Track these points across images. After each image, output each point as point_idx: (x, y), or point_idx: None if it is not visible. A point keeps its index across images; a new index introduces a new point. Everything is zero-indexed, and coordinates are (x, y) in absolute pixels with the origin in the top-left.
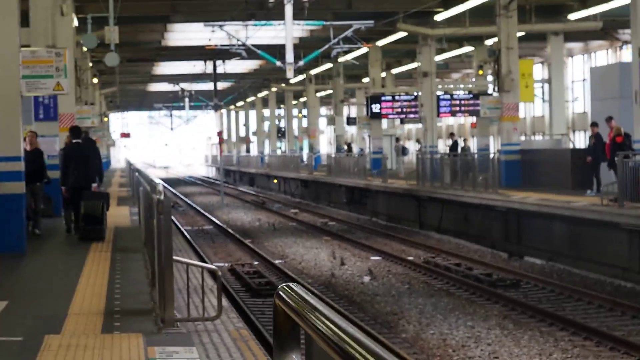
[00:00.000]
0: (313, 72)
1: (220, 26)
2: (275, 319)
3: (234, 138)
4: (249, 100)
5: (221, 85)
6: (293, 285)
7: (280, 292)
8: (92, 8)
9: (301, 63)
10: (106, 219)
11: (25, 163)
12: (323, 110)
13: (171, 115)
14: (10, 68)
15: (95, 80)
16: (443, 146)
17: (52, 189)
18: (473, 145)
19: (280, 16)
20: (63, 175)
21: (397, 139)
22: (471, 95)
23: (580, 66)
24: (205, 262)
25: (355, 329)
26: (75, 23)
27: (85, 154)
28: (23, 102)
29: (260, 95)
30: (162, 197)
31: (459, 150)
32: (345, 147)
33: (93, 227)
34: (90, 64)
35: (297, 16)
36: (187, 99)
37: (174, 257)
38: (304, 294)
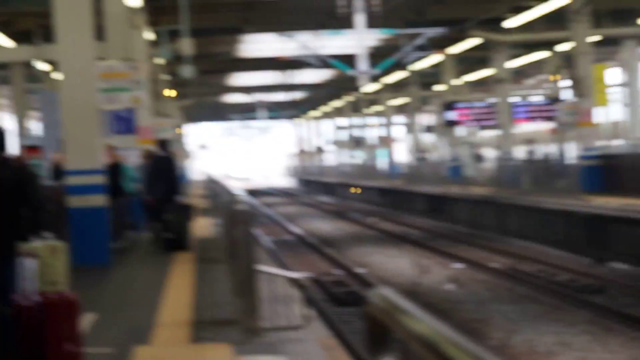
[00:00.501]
0: (387, 80)
1: (293, 37)
2: (367, 325)
3: (310, 148)
4: (324, 109)
5: (296, 95)
6: (384, 290)
7: (371, 297)
8: (166, 21)
9: (374, 72)
10: (189, 229)
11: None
12: (399, 119)
13: (247, 127)
14: (89, 82)
15: (171, 93)
16: (520, 153)
17: (134, 203)
18: (552, 151)
19: (352, 25)
20: (148, 186)
21: (474, 146)
22: (547, 101)
23: None
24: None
25: (452, 331)
26: (150, 36)
27: (170, 167)
28: (102, 116)
29: (335, 104)
30: (243, 207)
31: (537, 156)
32: (422, 155)
33: (177, 237)
34: (166, 77)
35: (369, 25)
36: (262, 110)
37: (258, 267)
38: (395, 299)
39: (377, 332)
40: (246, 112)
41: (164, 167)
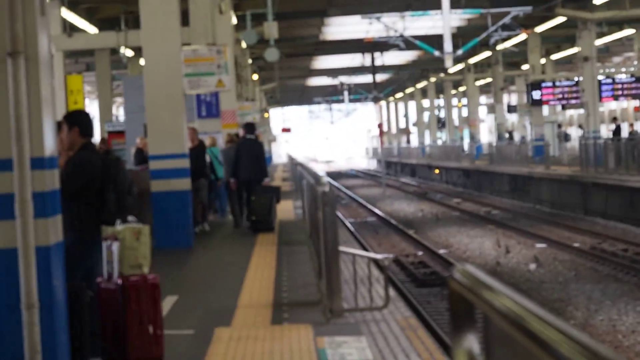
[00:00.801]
0: (472, 60)
1: (378, 18)
2: (451, 301)
3: (393, 130)
4: (408, 91)
5: (380, 77)
6: (468, 267)
7: (455, 273)
8: (250, 5)
9: (459, 52)
10: (276, 211)
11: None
12: (483, 99)
13: (331, 109)
14: (173, 67)
15: (255, 77)
16: (606, 131)
17: (216, 186)
18: (638, 129)
19: (438, 5)
20: (234, 168)
21: (559, 126)
22: (634, 79)
23: None
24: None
25: (537, 306)
26: (234, 20)
27: (257, 149)
28: (185, 100)
29: (419, 86)
30: (326, 189)
31: (623, 134)
32: (507, 135)
33: (263, 219)
34: (250, 61)
35: (454, 5)
36: (346, 92)
37: (340, 248)
38: (480, 275)
39: (461, 308)
40: (330, 94)
41: (251, 150)
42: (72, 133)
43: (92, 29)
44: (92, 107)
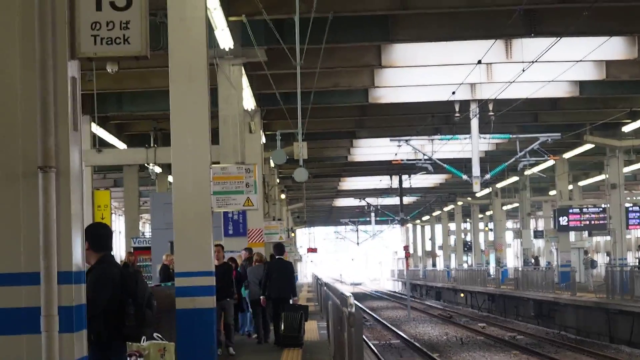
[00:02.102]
0: (499, 185)
1: (407, 141)
2: None
3: (419, 252)
4: (434, 214)
5: (407, 199)
6: None
7: None
8: (280, 125)
9: (487, 177)
10: (304, 328)
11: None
12: (509, 224)
13: (357, 230)
14: (202, 185)
15: (282, 196)
16: (632, 259)
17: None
18: None
19: (466, 130)
20: (264, 286)
21: (586, 252)
22: None
23: None
24: None
25: None
26: (263, 140)
27: (287, 268)
28: (213, 218)
29: (446, 209)
30: (353, 310)
31: None
32: (533, 261)
33: (294, 334)
34: (278, 180)
35: (482, 130)
36: (372, 214)
37: None
38: None
39: None
40: (356, 215)
41: (281, 268)
42: (85, 247)
43: (121, 145)
44: (119, 223)
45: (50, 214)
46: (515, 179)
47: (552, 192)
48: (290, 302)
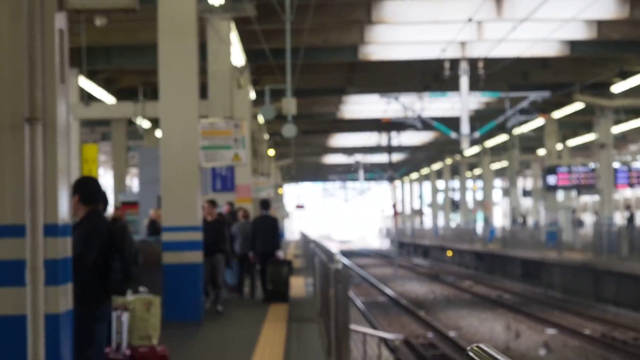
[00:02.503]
0: (488, 143)
1: (396, 98)
2: None
3: (407, 210)
4: (423, 172)
5: (395, 157)
6: (483, 345)
7: (470, 352)
8: (269, 81)
9: (476, 135)
10: (290, 283)
11: (205, 234)
12: (498, 182)
13: (345, 187)
14: (190, 139)
15: (271, 152)
16: (620, 218)
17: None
18: None
19: (456, 88)
20: (252, 242)
21: (573, 211)
22: None
23: None
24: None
25: None
26: (252, 95)
27: (272, 224)
28: (201, 173)
29: (434, 167)
30: (339, 266)
31: (637, 222)
32: (521, 220)
33: (280, 289)
34: (266, 136)
35: (472, 87)
36: (361, 171)
37: (351, 327)
38: (495, 354)
39: None
40: (345, 172)
41: (266, 225)
42: (74, 200)
43: (110, 99)
44: (106, 177)
45: (36, 166)
46: (504, 137)
47: (541, 151)
48: (275, 257)
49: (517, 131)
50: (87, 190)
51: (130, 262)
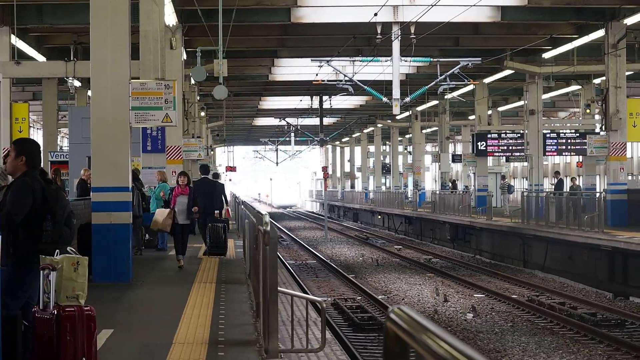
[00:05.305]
0: (419, 108)
1: (328, 61)
2: (386, 341)
3: (338, 173)
4: (354, 136)
5: (327, 120)
6: (404, 307)
7: (391, 313)
8: (201, 42)
9: (407, 99)
10: (227, 238)
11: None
12: (428, 147)
13: (276, 150)
14: (121, 99)
15: (202, 114)
16: (548, 184)
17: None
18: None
19: (388, 52)
20: (194, 202)
21: (503, 177)
22: (578, 134)
23: None
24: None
25: (470, 349)
26: (184, 57)
27: (210, 187)
28: (132, 134)
29: (365, 131)
30: (268, 228)
31: (565, 188)
32: (450, 185)
33: (219, 244)
34: (198, 98)
35: (404, 52)
36: (292, 134)
37: (279, 289)
38: (416, 316)
39: (396, 348)
40: (276, 135)
41: (205, 187)
42: (17, 160)
43: (40, 58)
44: (37, 136)
45: None
46: (435, 102)
47: (472, 117)
48: (213, 215)
49: (447, 96)
50: (32, 153)
51: (62, 224)
